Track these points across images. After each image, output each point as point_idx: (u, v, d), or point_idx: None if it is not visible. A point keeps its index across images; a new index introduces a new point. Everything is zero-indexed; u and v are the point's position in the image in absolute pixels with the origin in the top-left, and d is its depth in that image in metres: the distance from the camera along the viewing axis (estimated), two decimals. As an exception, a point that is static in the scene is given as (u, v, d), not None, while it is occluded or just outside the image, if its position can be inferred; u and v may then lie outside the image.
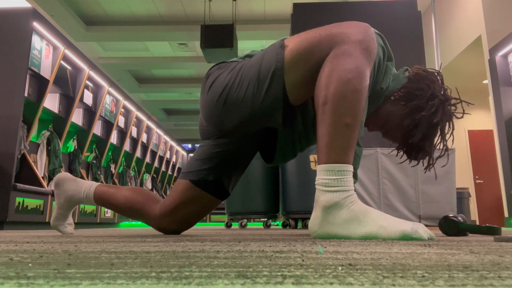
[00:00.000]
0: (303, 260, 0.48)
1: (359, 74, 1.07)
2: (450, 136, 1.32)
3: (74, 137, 5.21)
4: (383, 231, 0.98)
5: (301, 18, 4.16)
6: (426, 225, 3.06)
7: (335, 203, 1.03)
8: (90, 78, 5.25)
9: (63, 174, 1.52)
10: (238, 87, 1.21)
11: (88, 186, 1.49)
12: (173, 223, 1.45)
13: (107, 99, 5.87)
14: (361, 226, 1.00)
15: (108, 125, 5.97)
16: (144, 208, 1.46)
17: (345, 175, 1.04)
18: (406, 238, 0.97)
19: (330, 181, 1.04)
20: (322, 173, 1.05)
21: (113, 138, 6.27)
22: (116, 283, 0.31)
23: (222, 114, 1.27)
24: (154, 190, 8.46)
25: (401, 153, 1.41)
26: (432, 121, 1.26)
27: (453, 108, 1.32)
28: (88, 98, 5.29)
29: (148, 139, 7.89)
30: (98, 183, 1.51)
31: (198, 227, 4.25)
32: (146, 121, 7.43)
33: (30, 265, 0.44)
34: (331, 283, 0.31)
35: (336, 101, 1.05)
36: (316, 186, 1.07)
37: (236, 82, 1.22)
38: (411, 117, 1.28)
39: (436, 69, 3.91)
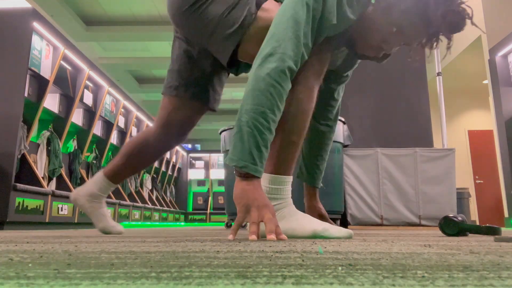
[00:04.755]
0: (303, 260, 0.48)
1: (308, 95, 1.19)
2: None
3: (74, 137, 5.21)
4: (300, 228, 1.14)
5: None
6: (426, 225, 3.06)
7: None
8: (90, 78, 5.25)
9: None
10: (206, 10, 1.28)
11: (98, 176, 1.56)
12: (172, 128, 1.53)
13: (107, 99, 5.87)
14: (287, 223, 1.15)
15: (108, 125, 5.97)
16: (144, 140, 1.55)
17: (284, 185, 1.19)
18: (316, 236, 1.12)
19: (271, 189, 1.17)
20: (266, 181, 1.17)
21: (113, 138, 6.27)
22: (116, 283, 0.31)
23: (188, 21, 1.35)
24: (154, 191, 8.46)
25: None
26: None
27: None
28: (88, 98, 5.29)
29: (148, 139, 7.88)
30: (101, 170, 1.59)
31: (198, 227, 4.25)
32: (146, 121, 7.42)
33: (30, 265, 0.44)
34: (331, 283, 0.31)
35: (288, 119, 1.16)
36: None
37: (206, 4, 1.28)
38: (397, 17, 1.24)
39: (437, 70, 3.91)
